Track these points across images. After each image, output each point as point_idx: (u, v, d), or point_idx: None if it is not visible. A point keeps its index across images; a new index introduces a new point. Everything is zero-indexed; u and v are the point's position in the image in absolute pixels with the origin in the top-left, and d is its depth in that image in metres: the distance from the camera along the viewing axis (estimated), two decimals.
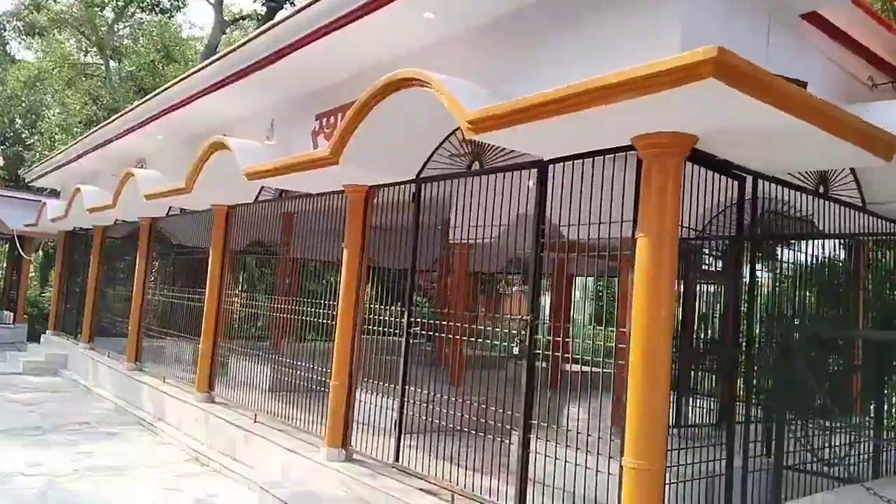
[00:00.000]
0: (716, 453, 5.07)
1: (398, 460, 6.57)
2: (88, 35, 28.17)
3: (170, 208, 11.90)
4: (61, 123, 27.24)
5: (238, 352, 9.85)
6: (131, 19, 30.00)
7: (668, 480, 4.43)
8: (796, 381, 5.53)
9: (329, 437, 7.12)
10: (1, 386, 13.57)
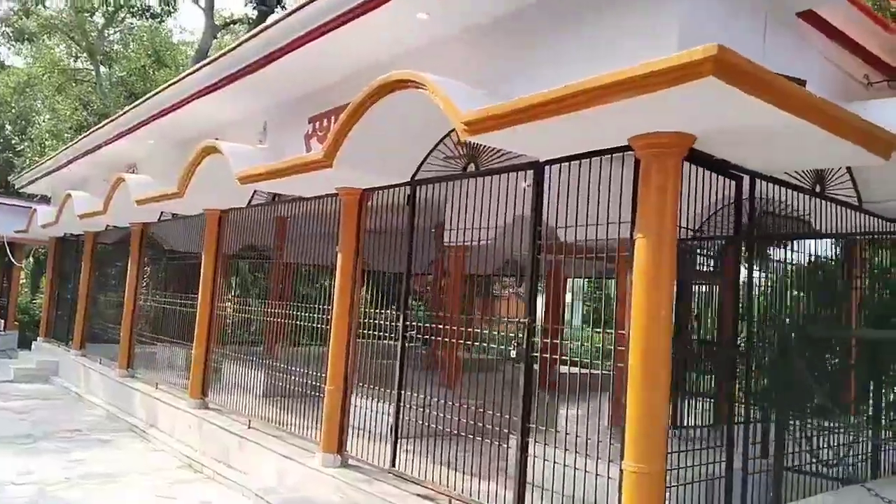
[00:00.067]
0: (715, 455, 5.03)
1: (394, 465, 6.50)
2: (78, 40, 27.98)
3: (161, 213, 11.81)
4: (51, 129, 27.04)
5: (231, 357, 9.77)
6: (121, 24, 29.79)
7: (667, 483, 4.39)
8: (795, 382, 5.50)
9: (324, 443, 7.05)
10: None
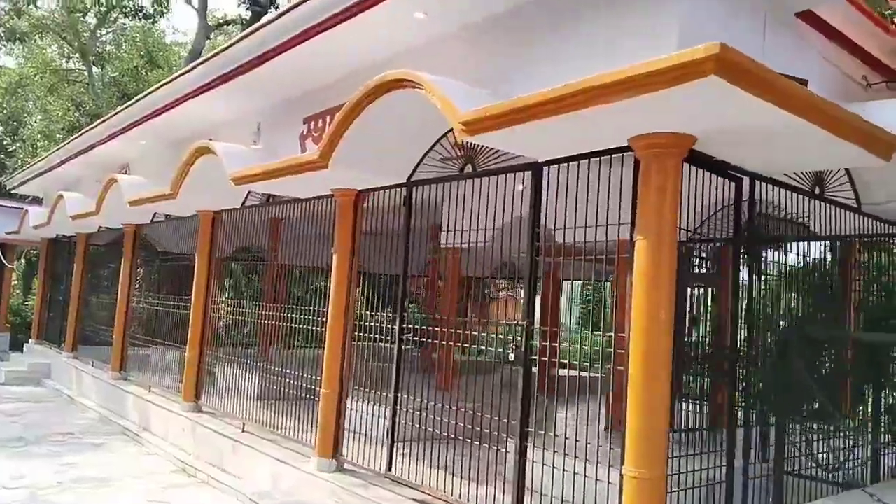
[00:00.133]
0: (715, 460, 4.98)
1: (391, 470, 6.42)
2: (71, 41, 27.86)
3: (154, 214, 11.71)
4: (43, 130, 26.95)
5: (225, 360, 9.68)
6: (114, 25, 29.70)
7: (668, 489, 4.33)
8: (795, 385, 5.45)
9: (319, 447, 6.97)
10: None
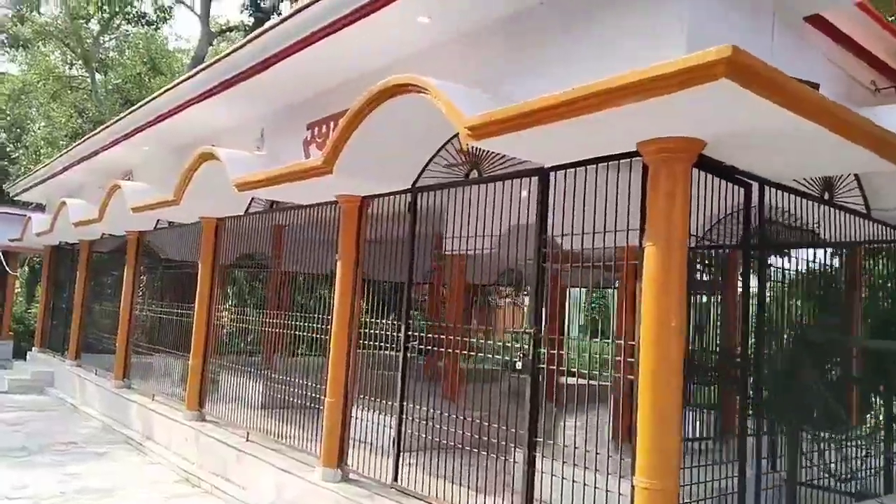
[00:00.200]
0: (726, 470, 4.89)
1: (396, 480, 6.33)
2: (74, 47, 27.86)
3: (158, 221, 11.67)
4: (46, 137, 26.93)
5: (229, 368, 9.61)
6: (117, 31, 29.70)
7: (680, 500, 4.25)
8: (807, 393, 5.37)
9: (324, 457, 6.89)
10: None
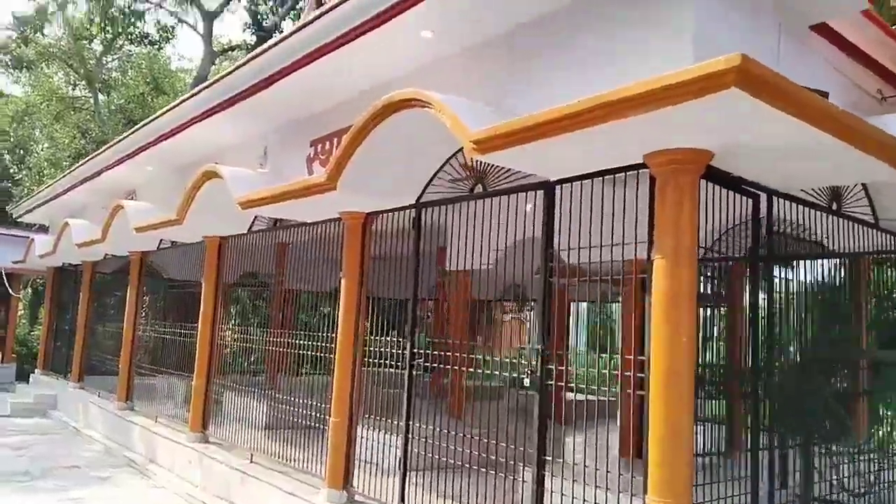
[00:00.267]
0: (739, 487, 4.79)
1: (403, 501, 6.22)
2: (77, 68, 28.01)
3: (161, 241, 11.63)
4: (50, 158, 27.00)
5: (232, 388, 9.52)
6: (120, 52, 29.85)
7: None
8: (819, 406, 5.27)
9: (329, 478, 6.79)
10: None
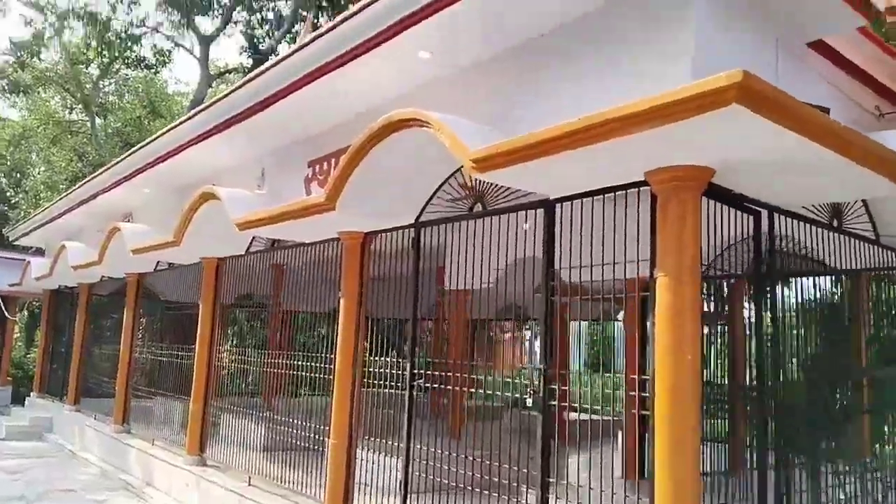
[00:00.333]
0: None
1: None
2: (73, 92, 28.08)
3: (157, 263, 11.57)
4: (46, 181, 27.00)
5: (229, 410, 9.43)
6: (117, 75, 29.97)
7: None
8: (826, 424, 5.22)
9: (329, 501, 6.70)
10: None
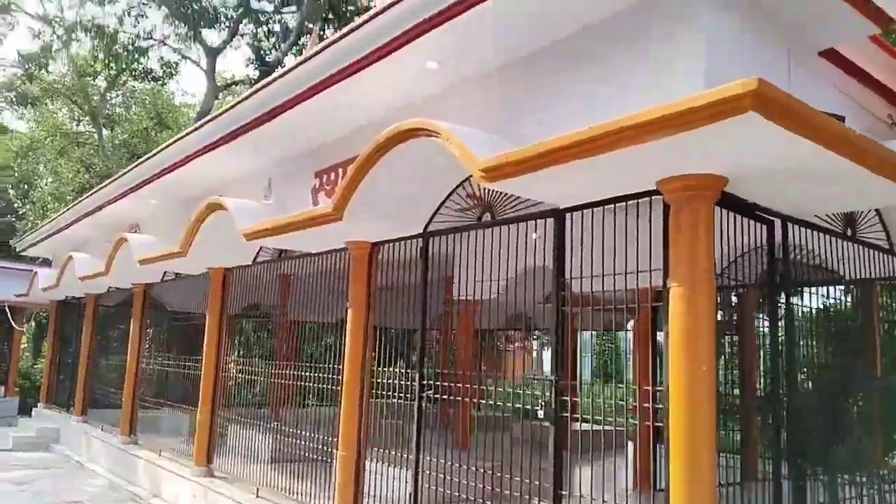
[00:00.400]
0: None
1: None
2: (81, 104, 28.13)
3: (164, 273, 11.56)
4: (54, 192, 27.01)
5: (237, 420, 9.38)
6: (124, 87, 30.01)
7: None
8: (842, 434, 5.15)
9: None
10: None
